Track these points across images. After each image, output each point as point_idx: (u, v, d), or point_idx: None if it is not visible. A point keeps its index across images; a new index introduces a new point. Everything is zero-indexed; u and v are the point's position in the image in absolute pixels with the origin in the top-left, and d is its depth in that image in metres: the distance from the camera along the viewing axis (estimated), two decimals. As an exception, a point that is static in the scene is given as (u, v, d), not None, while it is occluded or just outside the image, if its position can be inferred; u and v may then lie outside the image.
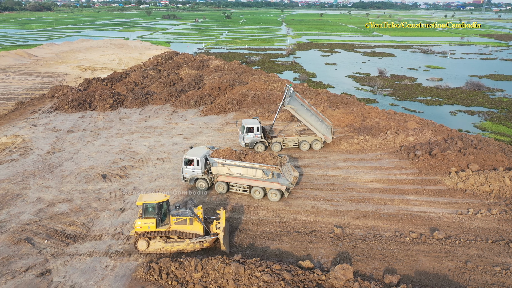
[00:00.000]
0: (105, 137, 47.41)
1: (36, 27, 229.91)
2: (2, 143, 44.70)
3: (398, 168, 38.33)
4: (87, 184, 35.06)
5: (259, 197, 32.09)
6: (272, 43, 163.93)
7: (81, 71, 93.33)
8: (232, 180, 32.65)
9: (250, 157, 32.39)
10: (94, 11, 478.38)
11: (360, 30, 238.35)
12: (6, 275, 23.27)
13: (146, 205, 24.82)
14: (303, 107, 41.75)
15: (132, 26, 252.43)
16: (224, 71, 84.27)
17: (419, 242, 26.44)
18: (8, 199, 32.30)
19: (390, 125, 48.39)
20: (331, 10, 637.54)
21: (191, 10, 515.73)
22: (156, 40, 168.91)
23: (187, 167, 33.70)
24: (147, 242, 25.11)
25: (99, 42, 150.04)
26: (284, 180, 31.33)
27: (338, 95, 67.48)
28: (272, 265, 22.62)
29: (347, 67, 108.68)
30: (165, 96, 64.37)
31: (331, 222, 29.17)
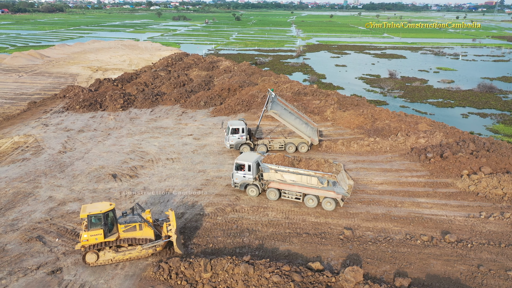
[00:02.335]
0: (116, 137, 47.72)
1: (48, 28, 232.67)
2: (15, 142, 45.23)
3: (409, 170, 37.97)
4: (98, 184, 35.30)
5: (312, 206, 31.07)
6: (282, 45, 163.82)
7: (92, 71, 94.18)
8: (285, 187, 31.70)
9: (304, 163, 31.40)
10: (105, 12, 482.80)
11: (370, 32, 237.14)
12: (17, 273, 23.50)
13: (90, 216, 23.51)
14: (286, 111, 41.63)
15: (143, 27, 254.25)
16: (234, 72, 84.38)
17: (431, 245, 26.14)
18: (20, 197, 32.66)
19: (400, 127, 48.01)
20: (341, 11, 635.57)
21: (201, 12, 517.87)
22: (166, 41, 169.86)
23: (237, 172, 32.87)
24: (96, 254, 24.03)
25: (110, 43, 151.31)
26: (340, 188, 30.05)
27: (348, 96, 67.15)
28: (282, 266, 22.52)
29: (357, 68, 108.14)
30: (175, 97, 64.64)
31: (341, 224, 28.99)
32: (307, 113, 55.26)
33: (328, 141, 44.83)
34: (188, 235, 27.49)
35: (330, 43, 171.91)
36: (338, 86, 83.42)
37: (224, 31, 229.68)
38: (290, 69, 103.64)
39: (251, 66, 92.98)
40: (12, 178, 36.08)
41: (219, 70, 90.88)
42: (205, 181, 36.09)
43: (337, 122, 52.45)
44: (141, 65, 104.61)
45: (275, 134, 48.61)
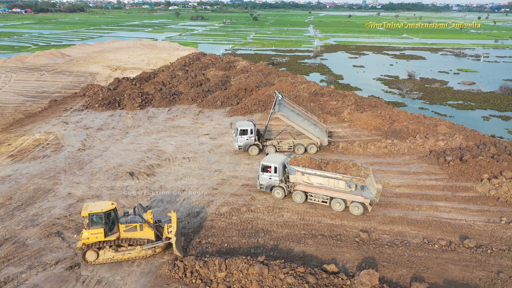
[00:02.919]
0: (133, 135, 48.31)
1: (69, 27, 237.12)
2: (36, 140, 46.22)
3: (427, 173, 37.38)
4: (115, 181, 35.79)
5: (339, 209, 30.49)
6: (299, 45, 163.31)
7: (111, 70, 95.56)
8: (311, 190, 31.28)
9: (332, 166, 30.92)
10: (125, 12, 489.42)
11: (389, 32, 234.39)
12: (37, 267, 24.00)
13: (92, 215, 23.74)
14: (294, 113, 41.42)
15: (161, 27, 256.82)
16: (251, 72, 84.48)
17: (449, 250, 25.67)
18: (40, 193, 33.35)
19: (419, 129, 47.31)
20: (359, 11, 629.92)
21: (218, 12, 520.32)
22: (184, 41, 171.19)
23: (263, 173, 32.63)
24: (96, 253, 24.19)
25: (129, 43, 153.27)
26: (369, 193, 29.41)
27: (365, 97, 66.49)
28: (296, 267, 22.43)
29: (375, 69, 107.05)
30: (192, 96, 65.08)
31: (357, 226, 28.72)
32: (324, 114, 54.95)
33: (344, 142, 44.49)
34: (204, 234, 27.63)
35: (348, 44, 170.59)
36: (356, 87, 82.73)
37: (241, 31, 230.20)
38: (307, 70, 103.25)
39: (268, 66, 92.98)
40: (33, 175, 36.87)
41: (236, 70, 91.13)
42: (220, 180, 36.23)
43: (354, 124, 52.00)
44: (159, 64, 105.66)
45: (285, 135, 48.29)
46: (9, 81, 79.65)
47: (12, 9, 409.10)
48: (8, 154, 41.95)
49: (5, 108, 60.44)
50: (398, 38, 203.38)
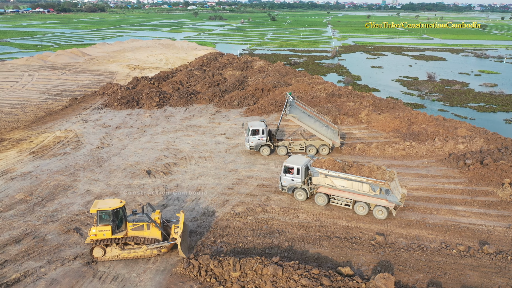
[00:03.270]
0: (151, 134, 48.87)
1: (90, 27, 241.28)
2: (56, 137, 47.17)
3: (446, 177, 36.72)
4: (133, 179, 36.26)
5: (363, 213, 30.00)
6: (317, 45, 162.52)
7: (130, 70, 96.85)
8: (334, 193, 30.96)
9: (356, 169, 30.48)
10: (144, 12, 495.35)
11: (408, 33, 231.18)
12: (56, 262, 24.50)
13: (100, 212, 24.11)
14: (305, 115, 41.15)
15: (180, 27, 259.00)
16: (268, 73, 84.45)
17: (467, 256, 25.18)
18: (60, 190, 34.03)
19: (438, 132, 46.54)
20: (378, 12, 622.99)
21: (237, 12, 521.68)
22: (202, 40, 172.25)
23: (286, 175, 32.45)
24: (103, 249, 24.50)
25: (148, 42, 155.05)
26: (393, 197, 28.82)
27: (383, 99, 65.74)
28: (311, 269, 22.33)
29: (394, 70, 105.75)
30: (209, 96, 65.43)
31: (373, 229, 28.43)
32: (341, 115, 54.56)
33: (361, 144, 44.07)
34: (219, 234, 27.75)
35: (367, 44, 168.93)
36: (374, 88, 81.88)
37: (259, 31, 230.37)
38: (324, 70, 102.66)
39: (285, 67, 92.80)
40: (53, 171, 37.65)
41: (253, 70, 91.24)
42: (236, 180, 36.33)
43: (372, 125, 51.47)
44: (177, 64, 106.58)
45: (297, 136, 47.86)
46: (31, 79, 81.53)
47: (36, 9, 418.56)
48: (30, 150, 42.93)
49: (28, 105, 61.88)
50: (418, 38, 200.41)
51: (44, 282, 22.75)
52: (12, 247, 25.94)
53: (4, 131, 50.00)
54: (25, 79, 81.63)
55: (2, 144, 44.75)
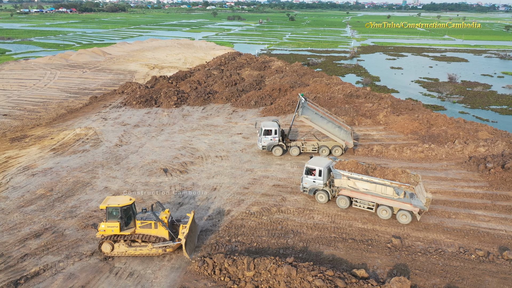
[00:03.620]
0: (168, 133, 49.36)
1: (111, 27, 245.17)
2: (76, 134, 48.10)
3: (466, 180, 35.99)
4: (150, 177, 36.69)
5: (386, 217, 29.44)
6: (336, 45, 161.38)
7: (149, 69, 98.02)
8: (357, 196, 30.42)
9: (379, 172, 29.87)
10: (164, 12, 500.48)
11: (429, 33, 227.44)
12: (74, 257, 24.99)
13: (109, 208, 24.62)
14: (317, 116, 40.81)
15: (198, 26, 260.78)
16: (286, 73, 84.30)
17: (486, 261, 24.62)
18: (79, 186, 34.70)
19: (458, 134, 45.65)
20: (399, 12, 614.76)
21: (255, 12, 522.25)
22: (221, 40, 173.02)
23: (307, 176, 32.12)
24: (111, 245, 24.89)
25: (167, 42, 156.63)
26: (418, 201, 28.14)
27: (402, 100, 64.86)
28: (325, 271, 22.19)
29: (414, 71, 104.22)
30: (227, 96, 65.70)
31: (389, 232, 28.07)
32: (359, 116, 54.06)
33: (379, 145, 43.57)
34: (234, 233, 27.83)
35: (386, 45, 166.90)
36: (393, 89, 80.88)
37: (277, 31, 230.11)
38: (343, 71, 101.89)
39: (303, 67, 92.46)
40: (73, 168, 38.41)
41: (270, 70, 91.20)
42: (252, 180, 36.38)
43: (390, 127, 50.83)
44: (195, 63, 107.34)
45: (310, 136, 47.33)
46: (53, 77, 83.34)
47: (59, 9, 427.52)
48: (51, 147, 43.89)
49: (49, 103, 63.29)
50: (439, 39, 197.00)
51: (62, 276, 23.24)
52: (32, 241, 26.58)
53: (26, 128, 51.25)
54: (47, 77, 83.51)
55: (25, 141, 45.87)
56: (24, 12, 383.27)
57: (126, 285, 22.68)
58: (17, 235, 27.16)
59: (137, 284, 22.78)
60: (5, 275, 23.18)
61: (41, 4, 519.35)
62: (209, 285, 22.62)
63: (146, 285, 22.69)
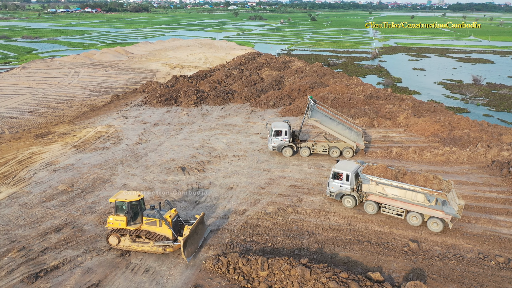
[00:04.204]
0: (187, 131, 49.84)
1: (134, 26, 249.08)
2: (98, 132, 49.09)
3: (488, 185, 35.10)
4: (168, 175, 37.14)
5: (416, 224, 28.67)
6: (357, 46, 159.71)
7: (170, 68, 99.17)
8: (385, 201, 29.70)
9: (410, 177, 29.00)
10: (186, 12, 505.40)
11: (454, 34, 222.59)
12: (92, 252, 25.55)
13: (117, 202, 25.39)
14: (327, 118, 40.37)
15: (220, 26, 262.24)
16: (305, 73, 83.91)
17: (507, 268, 23.98)
18: (99, 183, 35.42)
19: (481, 138, 44.54)
20: (423, 12, 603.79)
21: (277, 12, 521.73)
22: (241, 40, 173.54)
23: (334, 181, 31.54)
24: (118, 238, 25.50)
25: (188, 42, 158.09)
26: (450, 208, 27.16)
27: (424, 102, 63.67)
28: (340, 273, 22.03)
29: (437, 73, 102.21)
30: (246, 95, 65.88)
31: (406, 235, 27.64)
32: (378, 117, 53.38)
33: (398, 148, 42.92)
34: (249, 232, 27.92)
35: (409, 45, 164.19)
36: (415, 91, 79.55)
37: (298, 31, 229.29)
38: (364, 72, 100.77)
39: (323, 67, 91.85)
40: (93, 165, 39.23)
41: (290, 71, 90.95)
42: (268, 180, 36.40)
43: (410, 129, 50.00)
44: (215, 63, 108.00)
45: (321, 137, 46.71)
46: (77, 76, 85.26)
47: (84, 9, 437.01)
48: (73, 144, 44.93)
49: (73, 101, 64.79)
50: (464, 40, 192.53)
51: (80, 270, 23.78)
52: (52, 235, 27.28)
53: (50, 125, 52.60)
54: (71, 75, 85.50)
55: (48, 137, 47.09)
56: (51, 12, 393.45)
57: (142, 281, 23.05)
58: (38, 229, 27.94)
59: (152, 280, 23.12)
60: (26, 268, 23.89)
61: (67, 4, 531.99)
62: (222, 284, 22.77)
63: (161, 282, 23.00)
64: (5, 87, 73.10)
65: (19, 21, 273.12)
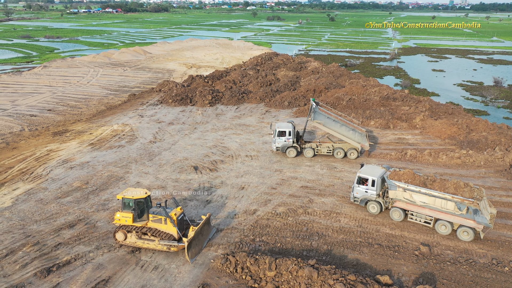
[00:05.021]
0: (201, 131, 50.19)
1: (153, 26, 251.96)
2: (114, 130, 49.88)
3: (505, 189, 34.29)
4: (180, 174, 37.48)
5: (445, 233, 27.62)
6: (376, 47, 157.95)
7: (187, 68, 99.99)
8: (413, 209, 28.74)
9: (439, 184, 28.09)
10: (205, 12, 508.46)
11: (477, 35, 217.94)
12: (103, 248, 26.01)
13: (124, 199, 25.68)
14: (330, 120, 40.21)
15: (238, 26, 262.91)
16: (321, 74, 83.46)
17: (521, 275, 23.40)
18: (113, 180, 36.00)
19: (500, 141, 43.52)
20: (445, 12, 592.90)
21: (295, 12, 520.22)
22: (259, 40, 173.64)
23: (359, 186, 30.75)
24: (125, 234, 25.82)
25: (206, 42, 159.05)
26: (482, 218, 26.02)
27: (442, 104, 62.61)
28: (347, 275, 21.87)
29: (456, 74, 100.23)
30: (261, 96, 65.92)
31: (418, 239, 27.24)
32: (394, 119, 52.70)
33: (413, 150, 42.32)
34: (258, 232, 27.95)
35: (429, 46, 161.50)
36: (433, 93, 78.17)
37: (316, 32, 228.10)
38: (381, 73, 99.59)
39: (339, 68, 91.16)
40: (108, 163, 39.89)
41: (306, 71, 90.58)
42: (280, 180, 36.38)
43: (427, 131, 49.20)
44: (232, 63, 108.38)
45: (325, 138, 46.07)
46: (96, 75, 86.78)
47: (105, 9, 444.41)
48: (89, 142, 45.77)
49: (91, 100, 65.98)
50: (487, 41, 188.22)
51: (91, 266, 24.23)
52: (66, 231, 27.87)
53: (68, 123, 53.70)
54: (90, 75, 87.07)
55: (66, 135, 48.09)
56: (73, 12, 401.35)
57: (151, 278, 23.34)
58: (52, 225, 28.58)
59: (161, 277, 23.39)
60: (39, 262, 24.47)
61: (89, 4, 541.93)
62: (230, 283, 22.87)
63: (169, 279, 23.25)
64: (27, 85, 74.96)
65: (42, 21, 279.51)
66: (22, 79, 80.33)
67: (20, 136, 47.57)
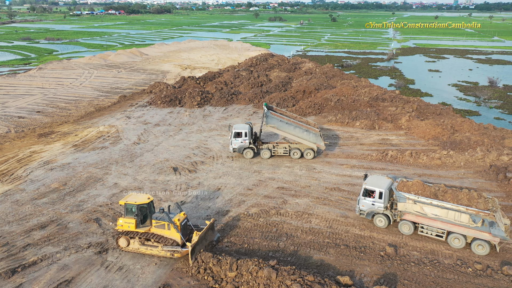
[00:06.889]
0: (186, 132, 50.36)
1: (154, 28, 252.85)
2: (99, 132, 50.19)
3: (481, 190, 34.06)
4: (159, 175, 37.66)
5: (459, 246, 26.28)
6: (374, 47, 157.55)
7: (181, 69, 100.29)
8: (423, 221, 27.23)
9: (451, 195, 26.71)
10: (208, 13, 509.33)
11: (478, 35, 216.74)
12: (71, 249, 26.21)
13: (127, 205, 25.51)
14: (283, 123, 40.78)
15: (239, 27, 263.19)
16: (314, 74, 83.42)
17: (483, 275, 23.34)
18: (91, 182, 36.25)
19: (482, 141, 43.33)
20: (448, 12, 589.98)
21: (298, 13, 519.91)
22: (258, 41, 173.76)
23: (365, 198, 29.01)
24: (128, 240, 25.74)
25: (204, 43, 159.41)
26: (499, 230, 24.77)
27: (431, 104, 62.35)
28: (306, 275, 21.91)
29: (452, 74, 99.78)
30: (250, 97, 66.02)
31: (386, 239, 27.23)
32: (379, 120, 52.59)
33: (395, 151, 42.22)
34: (227, 233, 28.05)
35: (428, 46, 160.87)
36: (426, 93, 77.88)
37: (317, 32, 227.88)
38: (377, 73, 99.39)
39: (333, 69, 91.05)
40: (89, 164, 40.15)
41: (300, 72, 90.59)
42: (257, 181, 36.45)
43: (411, 132, 49.07)
44: (227, 64, 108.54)
45: (282, 139, 46.04)
46: (90, 77, 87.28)
47: (108, 11, 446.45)
48: (73, 143, 46.09)
49: (81, 101, 66.38)
50: (488, 41, 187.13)
51: (56, 266, 24.43)
52: (37, 232, 28.11)
53: (55, 124, 54.07)
54: (84, 76, 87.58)
55: (51, 137, 48.45)
56: (76, 14, 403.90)
57: (114, 279, 23.50)
58: (24, 226, 28.83)
59: (124, 278, 23.55)
60: (5, 263, 24.69)
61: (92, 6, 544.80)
62: (192, 284, 22.98)
63: (132, 280, 23.40)
64: (19, 87, 75.55)
65: (44, 23, 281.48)
66: (15, 81, 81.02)
67: (6, 137, 47.97)
